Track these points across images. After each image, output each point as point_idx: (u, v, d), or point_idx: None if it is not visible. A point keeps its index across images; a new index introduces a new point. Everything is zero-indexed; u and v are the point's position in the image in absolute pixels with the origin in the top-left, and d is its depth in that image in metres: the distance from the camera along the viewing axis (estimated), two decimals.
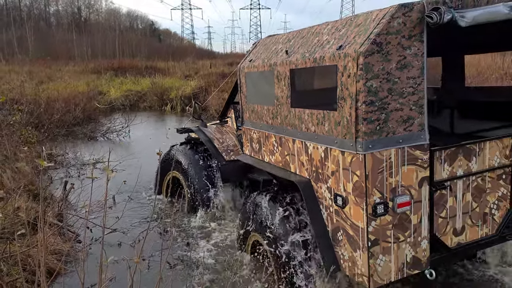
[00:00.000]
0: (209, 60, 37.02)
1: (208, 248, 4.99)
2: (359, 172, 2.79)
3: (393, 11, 2.68)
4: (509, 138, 3.34)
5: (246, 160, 4.62)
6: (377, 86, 2.68)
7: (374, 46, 2.63)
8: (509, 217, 3.48)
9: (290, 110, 3.57)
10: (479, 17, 2.76)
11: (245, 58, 4.65)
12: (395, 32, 2.68)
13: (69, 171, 8.27)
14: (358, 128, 2.73)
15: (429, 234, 3.07)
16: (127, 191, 6.94)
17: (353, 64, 2.69)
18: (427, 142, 2.91)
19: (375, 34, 2.65)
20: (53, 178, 7.84)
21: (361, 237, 2.88)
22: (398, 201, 2.85)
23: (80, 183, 7.39)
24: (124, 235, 5.36)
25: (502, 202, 3.41)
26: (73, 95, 14.69)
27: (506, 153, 3.33)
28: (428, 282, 3.31)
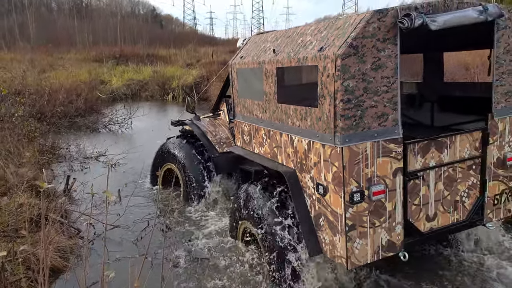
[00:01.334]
0: (211, 47, 36.76)
1: (204, 239, 5.20)
2: (338, 164, 3.06)
3: (368, 16, 2.91)
4: (479, 131, 3.61)
5: (238, 152, 4.89)
6: (353, 86, 2.94)
7: (351, 49, 2.87)
8: (478, 204, 3.75)
9: (278, 106, 3.83)
10: (449, 21, 2.98)
11: (236, 54, 4.84)
12: (370, 36, 2.92)
13: (72, 165, 8.32)
14: (336, 123, 2.99)
15: (403, 220, 3.34)
16: (132, 184, 7.02)
17: (332, 66, 2.93)
18: (400, 136, 3.17)
19: (352, 38, 2.88)
20: (56, 172, 7.92)
21: (339, 223, 3.15)
22: (373, 190, 3.12)
23: (83, 177, 7.50)
24: (127, 232, 5.43)
25: (472, 190, 3.70)
26: (75, 85, 14.69)
27: (476, 145, 3.61)
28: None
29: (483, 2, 3.28)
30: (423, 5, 3.08)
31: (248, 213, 4.11)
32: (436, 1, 3.15)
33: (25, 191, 5.89)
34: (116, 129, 11.89)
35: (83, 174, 7.85)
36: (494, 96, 3.66)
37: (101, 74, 20.82)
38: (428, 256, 4.46)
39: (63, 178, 7.61)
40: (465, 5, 3.21)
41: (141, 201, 6.44)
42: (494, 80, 3.63)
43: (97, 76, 20.31)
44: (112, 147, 9.42)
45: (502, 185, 3.87)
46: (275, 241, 3.68)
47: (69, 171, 7.95)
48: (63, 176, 7.67)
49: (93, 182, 6.97)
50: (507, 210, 3.97)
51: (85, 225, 5.43)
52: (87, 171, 8.03)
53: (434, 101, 5.01)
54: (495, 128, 3.70)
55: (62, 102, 12.41)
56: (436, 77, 5.00)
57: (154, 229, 5.43)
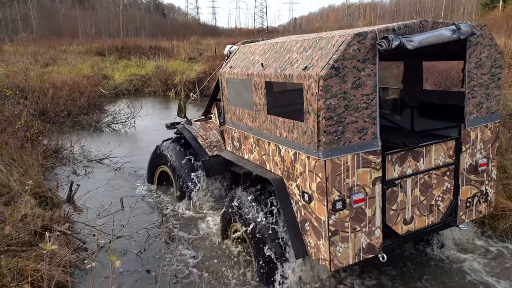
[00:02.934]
0: (214, 39, 36.59)
1: (196, 241, 5.47)
2: (321, 175, 3.29)
3: (349, 39, 3.11)
4: (453, 140, 3.89)
5: (228, 157, 5.12)
6: (335, 104, 3.16)
7: (333, 70, 3.09)
8: (452, 207, 4.05)
9: (267, 116, 4.05)
10: (424, 40, 3.21)
11: (226, 63, 5.06)
12: (351, 57, 3.13)
13: (76, 168, 8.31)
14: (320, 138, 3.22)
15: (382, 224, 3.61)
16: (135, 189, 7.02)
17: (315, 85, 3.14)
18: (379, 148, 3.42)
19: (334, 60, 3.09)
20: (60, 175, 7.93)
21: (323, 228, 3.41)
22: (354, 198, 3.38)
23: (86, 182, 7.51)
24: (130, 242, 5.43)
25: (447, 194, 3.99)
26: (78, 82, 14.61)
27: (450, 153, 3.90)
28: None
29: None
30: (400, 27, 3.27)
31: (240, 216, 4.37)
32: (412, 22, 3.36)
33: (29, 199, 5.91)
34: (120, 129, 11.86)
35: (87, 179, 7.85)
36: (467, 107, 3.91)
37: (104, 69, 20.72)
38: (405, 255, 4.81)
39: (67, 182, 7.64)
40: (440, 25, 3.43)
41: (144, 208, 6.45)
42: (466, 93, 3.88)
43: (100, 70, 20.23)
44: (116, 149, 9.41)
45: (474, 189, 4.17)
46: (263, 242, 3.99)
47: (72, 175, 7.96)
48: (66, 181, 7.69)
49: (97, 187, 7.08)
50: (478, 211, 4.28)
51: (89, 236, 5.45)
52: (90, 175, 8.02)
53: (414, 107, 5.24)
54: (468, 137, 3.98)
55: (65, 101, 12.37)
56: (415, 84, 5.21)
57: (156, 239, 5.44)
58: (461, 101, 4.04)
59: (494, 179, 4.32)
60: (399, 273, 4.49)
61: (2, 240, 4.72)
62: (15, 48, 29.63)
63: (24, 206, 5.51)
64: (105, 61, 23.15)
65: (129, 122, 12.03)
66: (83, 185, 7.21)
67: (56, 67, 21.36)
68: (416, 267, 4.60)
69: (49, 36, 38.66)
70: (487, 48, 3.86)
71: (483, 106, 4.01)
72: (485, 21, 30.62)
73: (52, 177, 7.85)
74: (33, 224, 5.13)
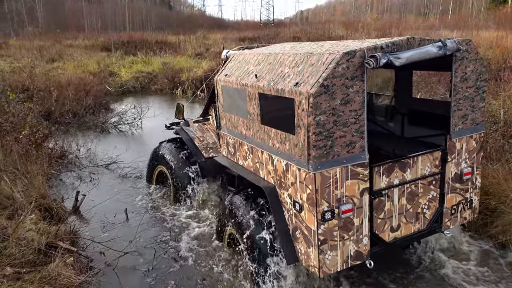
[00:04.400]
0: (220, 33, 36.22)
1: (192, 241, 5.60)
2: (311, 187, 3.42)
3: (338, 58, 3.22)
4: (439, 151, 4.04)
5: (224, 162, 5.26)
6: (324, 120, 3.28)
7: (322, 88, 3.20)
8: (437, 214, 4.21)
9: (261, 126, 4.17)
10: (412, 57, 3.33)
11: (221, 70, 5.20)
12: (340, 75, 3.24)
13: (81, 174, 8.10)
14: (310, 152, 3.35)
15: (369, 232, 3.76)
16: (141, 197, 6.81)
17: (306, 102, 3.26)
18: (366, 160, 3.54)
19: (323, 78, 3.21)
20: (65, 183, 7.72)
21: (313, 237, 3.55)
22: (342, 209, 3.52)
23: (92, 189, 7.30)
24: (137, 258, 5.22)
25: (432, 202, 4.14)
26: (83, 80, 14.37)
27: (436, 163, 4.05)
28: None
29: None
30: (388, 44, 3.37)
31: (234, 221, 4.51)
32: (399, 40, 3.46)
33: (33, 211, 5.70)
34: (126, 130, 11.63)
35: (92, 186, 7.65)
36: (452, 119, 4.06)
37: (110, 65, 20.48)
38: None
39: (72, 189, 7.44)
40: (426, 42, 3.55)
41: (150, 219, 6.25)
42: (452, 105, 4.02)
43: (106, 66, 20.00)
44: (122, 152, 9.21)
45: (459, 196, 4.33)
46: (257, 246, 4.12)
47: (77, 182, 7.75)
48: (71, 188, 7.50)
49: (103, 200, 6.87)
50: (463, 218, 4.45)
51: (95, 252, 5.24)
52: (96, 182, 7.81)
53: (403, 113, 5.40)
54: (453, 148, 4.13)
55: (71, 101, 12.15)
56: (405, 92, 5.37)
57: (164, 256, 5.23)
58: (447, 110, 4.21)
59: (478, 186, 4.48)
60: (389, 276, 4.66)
61: (5, 260, 4.52)
62: (21, 43, 29.49)
63: (29, 221, 5.31)
64: (111, 57, 22.90)
65: (136, 123, 11.78)
66: (89, 193, 7.02)
67: (62, 63, 21.20)
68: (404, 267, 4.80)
69: (55, 30, 38.46)
70: (472, 62, 4.00)
71: (468, 117, 4.17)
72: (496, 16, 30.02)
73: (57, 183, 7.65)
74: (38, 242, 4.93)
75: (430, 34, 24.89)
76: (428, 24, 33.07)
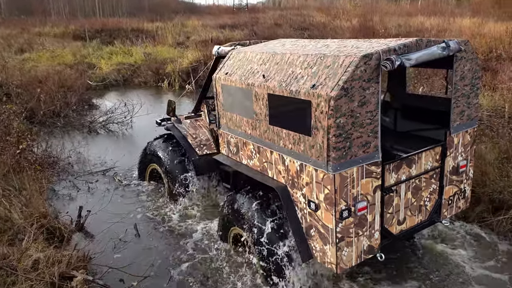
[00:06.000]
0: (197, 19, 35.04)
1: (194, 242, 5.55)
2: (330, 187, 3.53)
3: (357, 61, 3.32)
4: (439, 146, 4.26)
5: (225, 161, 5.20)
6: (343, 122, 3.37)
7: (343, 91, 3.28)
8: (437, 205, 4.45)
9: (269, 127, 4.20)
10: (420, 58, 3.54)
11: (219, 68, 5.12)
12: (358, 78, 3.34)
13: (76, 183, 7.44)
14: (329, 154, 3.44)
15: (380, 227, 3.93)
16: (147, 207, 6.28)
17: (325, 105, 3.34)
18: (380, 159, 3.70)
19: (343, 81, 3.29)
20: (61, 194, 7.06)
21: (330, 236, 3.68)
22: (358, 207, 3.67)
23: (91, 199, 6.69)
24: (160, 282, 4.74)
25: (433, 195, 4.38)
26: (63, 76, 13.39)
27: (437, 158, 4.28)
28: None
29: None
30: (400, 46, 3.53)
31: (241, 221, 4.53)
32: (409, 41, 3.62)
33: (36, 235, 5.09)
34: (116, 129, 10.87)
35: (91, 195, 7.04)
36: (452, 116, 4.26)
37: (87, 56, 19.32)
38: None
39: (68, 200, 6.83)
40: (432, 43, 3.75)
41: (162, 234, 5.77)
42: (452, 103, 4.22)
43: (83, 58, 18.85)
44: (116, 155, 8.57)
45: (455, 188, 4.59)
46: (268, 246, 4.18)
47: (74, 192, 7.11)
48: (68, 199, 6.87)
49: (104, 208, 6.32)
50: (458, 207, 4.73)
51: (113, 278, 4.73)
52: (94, 191, 7.19)
53: (397, 108, 5.53)
54: (452, 142, 4.36)
55: (53, 99, 11.26)
56: (399, 88, 5.49)
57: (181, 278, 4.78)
58: (440, 105, 4.52)
59: (471, 177, 4.77)
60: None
61: None
62: None
63: (34, 248, 4.71)
64: (87, 47, 21.64)
65: (127, 121, 11.03)
66: (88, 204, 6.44)
67: (33, 54, 19.87)
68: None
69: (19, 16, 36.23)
70: (469, 61, 4.22)
71: (465, 113, 4.39)
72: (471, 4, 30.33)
73: (52, 195, 6.98)
74: (49, 274, 4.36)
75: (408, 21, 24.90)
76: (405, 10, 33.07)
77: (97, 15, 45.43)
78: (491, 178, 5.93)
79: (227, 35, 23.33)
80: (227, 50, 5.88)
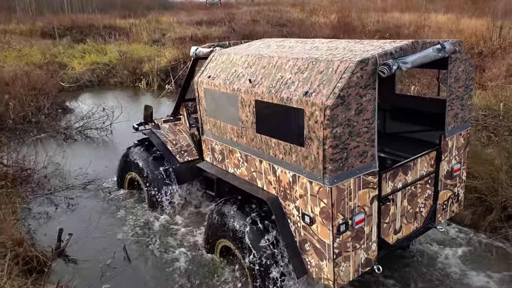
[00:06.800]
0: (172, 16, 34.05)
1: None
2: (326, 201, 3.32)
3: (353, 67, 3.10)
4: (434, 151, 4.09)
5: (209, 169, 4.92)
6: (340, 132, 3.16)
7: (339, 99, 3.07)
8: (431, 211, 4.30)
9: (256, 135, 3.95)
10: (416, 61, 3.39)
11: (201, 71, 4.81)
12: (355, 85, 3.12)
13: (53, 199, 6.75)
14: (326, 166, 3.22)
15: (377, 238, 3.74)
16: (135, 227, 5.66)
17: (320, 114, 3.11)
18: (377, 168, 3.50)
19: (339, 88, 3.06)
20: (36, 210, 6.37)
21: (327, 251, 3.46)
22: (356, 219, 3.46)
23: (72, 218, 6.05)
24: None
25: (428, 200, 4.24)
26: (33, 77, 12.45)
27: (432, 163, 4.12)
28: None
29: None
30: (396, 50, 3.35)
31: (230, 233, 4.23)
32: (405, 44, 3.45)
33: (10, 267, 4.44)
34: (94, 135, 10.11)
35: (71, 213, 6.38)
36: (447, 119, 4.11)
37: (57, 55, 18.24)
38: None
39: (45, 220, 6.16)
40: (428, 45, 3.62)
41: (154, 257, 5.19)
42: (447, 105, 4.07)
43: (53, 57, 17.78)
44: (96, 164, 7.90)
45: (449, 192, 4.47)
46: (260, 261, 3.91)
47: (52, 210, 6.42)
48: (44, 219, 6.19)
49: (88, 226, 5.72)
50: (451, 211, 4.62)
51: None
52: (75, 207, 6.54)
53: (386, 109, 5.36)
54: (446, 146, 4.21)
55: (23, 103, 10.39)
56: (389, 89, 5.31)
57: None
58: (431, 107, 4.40)
59: (464, 180, 4.65)
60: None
61: None
62: None
63: (10, 286, 4.06)
64: (57, 45, 20.48)
65: (106, 127, 10.29)
66: (68, 223, 5.81)
67: None
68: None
69: None
70: (463, 62, 4.08)
71: (459, 116, 4.27)
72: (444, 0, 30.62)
73: (26, 215, 6.26)
74: None
75: (384, 17, 24.88)
76: (380, 6, 33.16)
77: (66, 11, 43.57)
78: (503, 186, 5.65)
79: (204, 31, 22.64)
80: (205, 52, 5.60)
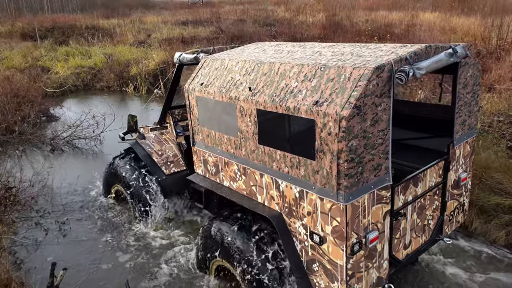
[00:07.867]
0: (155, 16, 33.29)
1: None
2: (340, 219, 3.08)
3: (368, 74, 2.88)
4: (443, 161, 3.94)
5: (201, 182, 4.66)
6: (356, 145, 2.94)
7: (355, 109, 2.84)
8: (439, 223, 4.15)
9: (258, 147, 3.71)
10: (430, 66, 3.21)
11: (192, 78, 4.58)
12: (371, 93, 2.91)
13: (43, 222, 6.20)
14: (340, 182, 2.98)
15: (388, 255, 3.55)
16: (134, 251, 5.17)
17: (335, 125, 2.89)
18: (390, 182, 3.28)
19: (355, 98, 2.84)
20: (21, 234, 5.82)
21: (339, 272, 3.23)
22: (370, 238, 3.25)
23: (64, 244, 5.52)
24: None
25: (435, 212, 4.09)
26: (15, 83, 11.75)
27: (440, 173, 3.98)
28: None
29: None
30: (411, 55, 3.19)
31: (226, 253, 4.00)
32: (419, 49, 3.30)
33: None
34: (83, 146, 9.54)
35: (64, 239, 5.86)
36: (455, 127, 3.95)
37: (40, 58, 17.47)
38: None
39: (34, 248, 5.62)
40: (440, 50, 3.46)
41: None
42: (455, 113, 3.91)
43: (35, 61, 17.01)
44: (87, 178, 7.37)
45: (456, 202, 4.32)
46: (262, 281, 3.66)
47: (42, 236, 5.88)
48: (34, 246, 5.65)
49: (85, 260, 5.20)
50: (457, 222, 4.48)
51: None
52: (67, 232, 6.01)
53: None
54: (454, 155, 4.07)
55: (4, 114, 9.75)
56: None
57: None
58: (434, 114, 4.30)
59: (469, 189, 4.52)
60: None
61: None
62: None
63: None
64: (39, 47, 19.66)
65: (95, 136, 9.72)
66: (61, 252, 5.30)
67: None
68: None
69: None
70: (471, 67, 3.93)
71: (466, 123, 4.13)
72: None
73: (13, 244, 5.70)
74: None
75: (372, 15, 24.71)
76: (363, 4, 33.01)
77: (45, 11, 42.30)
78: None
79: (190, 32, 22.08)
80: (189, 58, 5.40)
